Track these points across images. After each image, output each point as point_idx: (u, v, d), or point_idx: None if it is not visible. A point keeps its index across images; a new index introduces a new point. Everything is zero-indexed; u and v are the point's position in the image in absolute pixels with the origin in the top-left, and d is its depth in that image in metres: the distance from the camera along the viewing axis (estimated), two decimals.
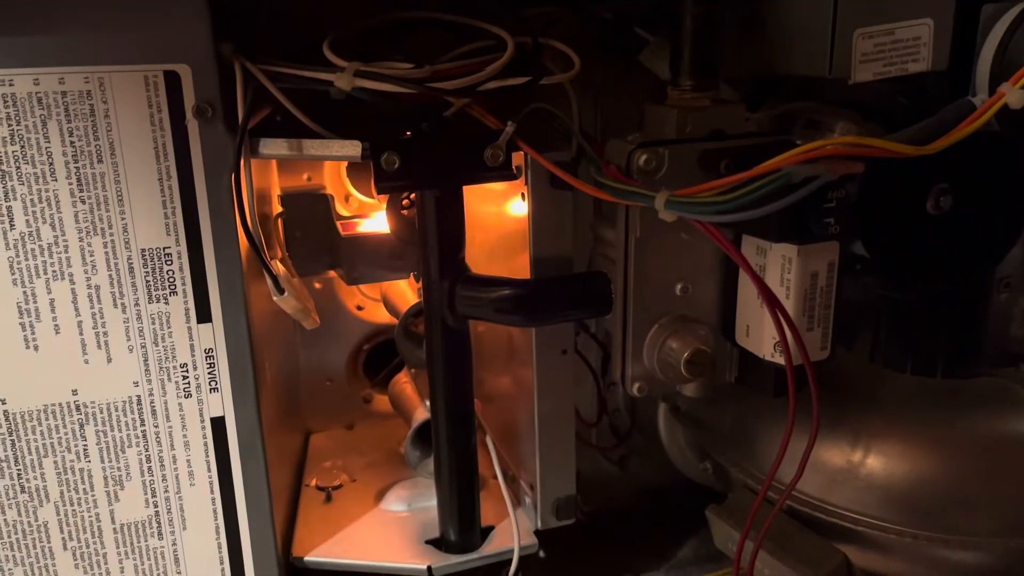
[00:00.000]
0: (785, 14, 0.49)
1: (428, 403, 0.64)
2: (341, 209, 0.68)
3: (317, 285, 0.71)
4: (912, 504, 0.55)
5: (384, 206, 0.63)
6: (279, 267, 0.50)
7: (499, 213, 0.59)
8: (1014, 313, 0.72)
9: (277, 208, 0.63)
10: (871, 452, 0.57)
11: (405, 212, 0.59)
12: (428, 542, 0.59)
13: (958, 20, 0.50)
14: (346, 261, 0.60)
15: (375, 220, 0.68)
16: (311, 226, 0.63)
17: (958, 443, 0.56)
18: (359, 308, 0.73)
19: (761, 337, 0.50)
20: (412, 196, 0.58)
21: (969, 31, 0.51)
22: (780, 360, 0.48)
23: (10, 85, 0.43)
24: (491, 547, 0.59)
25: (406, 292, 0.66)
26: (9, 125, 0.43)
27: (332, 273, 0.67)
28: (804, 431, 0.50)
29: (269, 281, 0.48)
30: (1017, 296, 0.65)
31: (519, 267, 0.56)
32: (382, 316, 0.73)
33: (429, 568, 0.57)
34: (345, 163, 0.68)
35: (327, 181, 0.68)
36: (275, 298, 0.48)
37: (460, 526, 0.58)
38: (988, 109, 0.44)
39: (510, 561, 0.58)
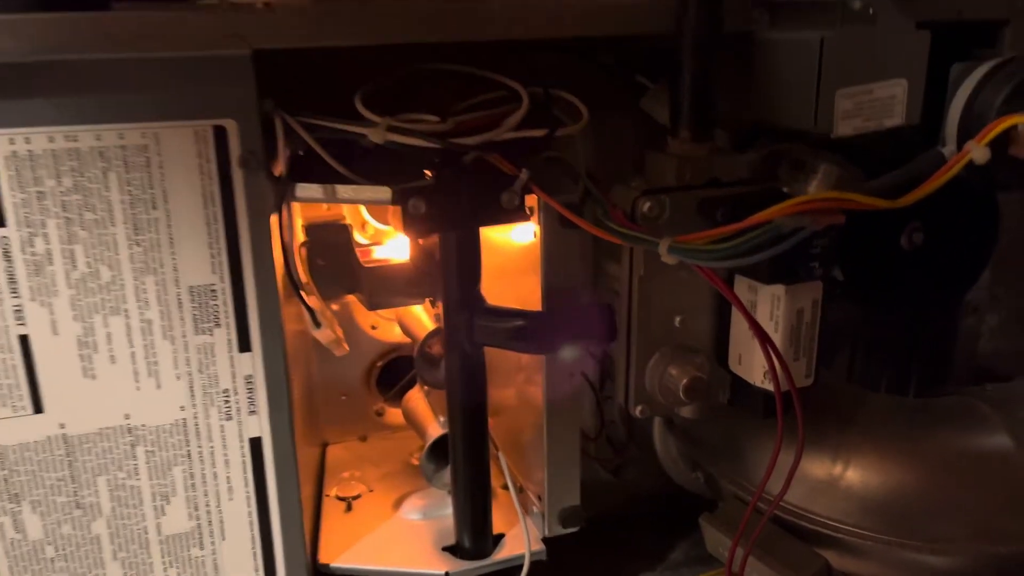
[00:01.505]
0: (775, 73, 0.54)
1: (442, 419, 0.69)
2: (358, 236, 0.72)
3: (335, 307, 0.75)
4: (887, 512, 0.60)
5: (397, 233, 0.67)
6: (315, 302, 0.55)
7: (509, 237, 0.64)
8: (982, 330, 0.78)
9: (300, 237, 0.68)
10: (849, 465, 0.62)
11: (421, 242, 0.64)
12: (444, 549, 0.64)
13: (930, 76, 0.55)
14: (367, 289, 0.65)
15: (389, 247, 0.73)
16: (333, 254, 0.67)
17: (928, 457, 0.62)
18: (373, 328, 0.77)
19: (752, 365, 0.55)
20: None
21: (940, 86, 0.56)
22: (769, 386, 0.54)
23: (75, 141, 0.47)
24: (502, 553, 0.63)
25: (420, 315, 0.71)
26: (73, 176, 0.48)
27: (350, 297, 0.72)
28: (788, 447, 0.55)
29: (307, 316, 0.52)
30: (984, 315, 0.71)
31: (527, 287, 0.61)
32: (394, 335, 0.78)
33: (447, 573, 0.61)
34: None
35: (346, 211, 0.72)
36: (312, 331, 0.53)
37: (474, 534, 0.63)
38: (955, 165, 0.49)
39: (520, 567, 0.63)
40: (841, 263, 0.60)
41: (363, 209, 0.73)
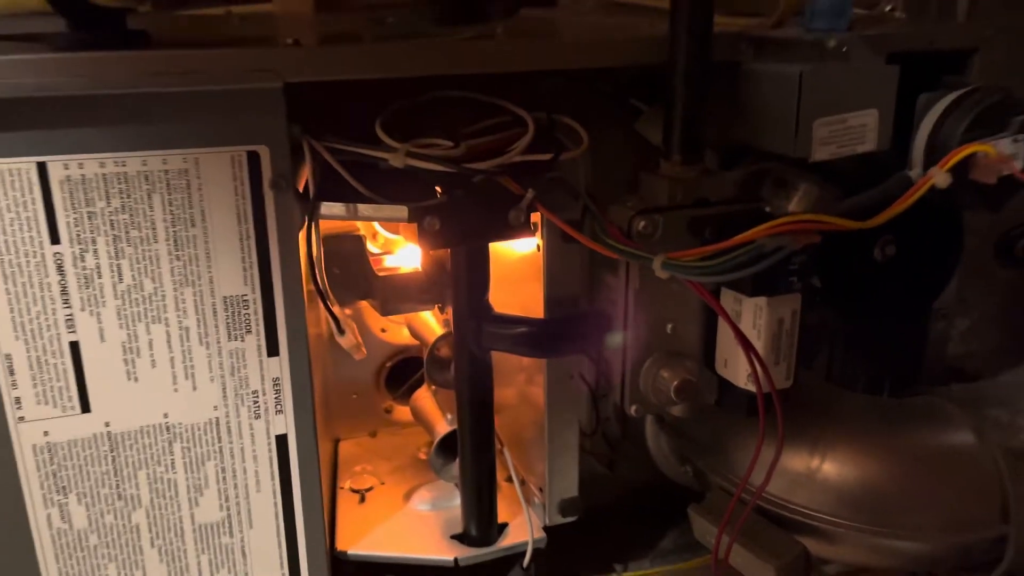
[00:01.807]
0: (758, 101, 0.59)
1: (449, 416, 0.74)
2: (370, 245, 0.77)
3: (347, 311, 0.80)
4: (861, 503, 0.64)
5: (404, 242, 0.72)
6: (338, 311, 0.60)
7: (514, 249, 0.68)
8: (952, 334, 0.83)
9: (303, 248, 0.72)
10: (826, 459, 0.67)
11: (432, 253, 0.69)
12: (452, 537, 0.69)
13: (901, 102, 0.60)
14: (381, 296, 0.69)
15: (399, 256, 0.78)
16: (347, 263, 0.72)
17: (900, 452, 0.67)
18: (383, 331, 0.82)
19: (737, 369, 0.60)
20: None
21: (908, 113, 0.62)
22: (752, 388, 0.59)
23: (123, 166, 0.52)
24: (507, 541, 0.68)
25: (428, 320, 0.76)
26: (121, 198, 0.52)
27: (362, 303, 0.77)
28: (770, 443, 0.60)
29: (332, 324, 0.57)
30: (953, 319, 0.77)
31: (530, 295, 0.66)
32: (402, 338, 0.82)
33: (456, 560, 0.67)
34: None
35: (359, 222, 0.77)
36: (337, 338, 0.58)
37: (480, 523, 0.68)
38: (920, 188, 0.54)
39: (522, 553, 0.68)
40: (820, 273, 0.65)
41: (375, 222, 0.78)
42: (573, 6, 0.98)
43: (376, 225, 0.78)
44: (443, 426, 0.73)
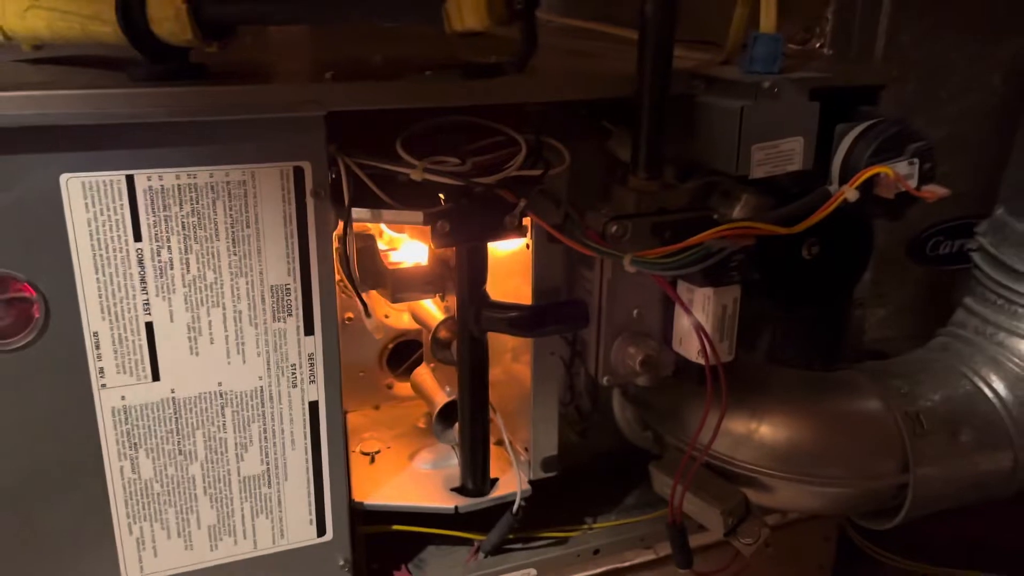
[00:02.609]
0: (707, 128, 0.71)
1: (447, 388, 0.86)
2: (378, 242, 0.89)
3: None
4: (790, 457, 0.76)
5: (405, 240, 0.84)
6: (366, 297, 0.72)
7: (507, 248, 0.81)
8: (872, 322, 0.98)
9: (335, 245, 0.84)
10: (763, 422, 0.77)
11: (437, 250, 0.81)
12: (452, 489, 0.81)
13: (821, 128, 0.73)
14: (391, 286, 0.81)
15: (402, 251, 0.90)
16: (361, 257, 0.83)
17: (821, 416, 0.79)
18: (386, 316, 0.94)
19: (690, 345, 0.74)
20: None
21: (828, 136, 0.75)
22: (702, 361, 0.72)
23: (194, 178, 0.63)
24: (498, 492, 0.81)
25: (430, 308, 0.88)
26: (192, 204, 0.64)
27: (372, 292, 0.89)
28: (716, 408, 0.73)
29: (361, 308, 0.69)
30: (869, 310, 0.91)
31: (514, 283, 0.78)
32: (403, 323, 0.95)
33: (456, 507, 0.79)
34: None
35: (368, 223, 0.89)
36: (366, 320, 0.70)
37: (476, 477, 0.80)
38: (835, 202, 0.68)
39: (511, 502, 0.81)
40: (759, 269, 0.79)
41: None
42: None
43: (382, 225, 0.90)
44: (442, 397, 0.85)
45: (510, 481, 0.82)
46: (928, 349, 0.86)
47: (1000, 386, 0.79)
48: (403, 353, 0.97)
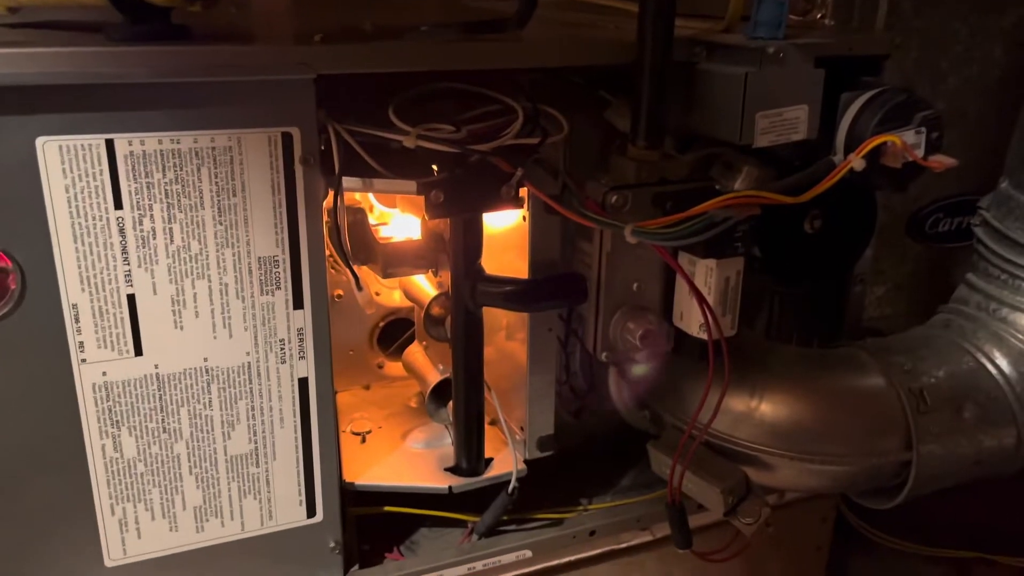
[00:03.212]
0: (710, 97, 0.69)
1: (440, 367, 0.84)
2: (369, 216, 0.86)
3: (345, 278, 0.89)
4: (790, 435, 0.75)
5: (396, 215, 0.82)
6: (357, 270, 0.69)
7: (496, 215, 0.78)
8: (871, 300, 0.97)
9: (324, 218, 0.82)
10: (763, 400, 0.76)
11: (430, 224, 0.79)
12: (446, 469, 0.79)
13: (825, 100, 0.72)
14: (382, 261, 0.79)
15: (392, 226, 0.88)
16: (352, 232, 0.81)
17: (823, 393, 0.78)
18: (377, 294, 0.91)
19: (691, 319, 0.72)
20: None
21: (832, 107, 0.73)
22: (704, 336, 0.70)
23: (178, 143, 0.60)
24: (492, 472, 0.79)
25: (422, 284, 0.86)
26: (175, 170, 0.61)
27: (363, 267, 0.86)
28: (717, 387, 0.71)
29: (352, 281, 0.67)
30: (868, 287, 0.90)
31: (509, 258, 0.75)
32: (394, 301, 0.92)
33: (450, 487, 0.77)
34: None
35: (359, 196, 0.86)
36: (356, 293, 0.68)
37: (470, 456, 0.78)
38: (841, 171, 0.66)
39: (507, 483, 0.79)
40: (760, 244, 0.77)
41: (371, 195, 0.87)
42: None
43: (372, 199, 0.87)
44: (435, 375, 0.83)
45: (505, 461, 0.80)
46: (930, 326, 0.85)
47: (1003, 362, 0.78)
48: (394, 333, 0.94)
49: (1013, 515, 1.03)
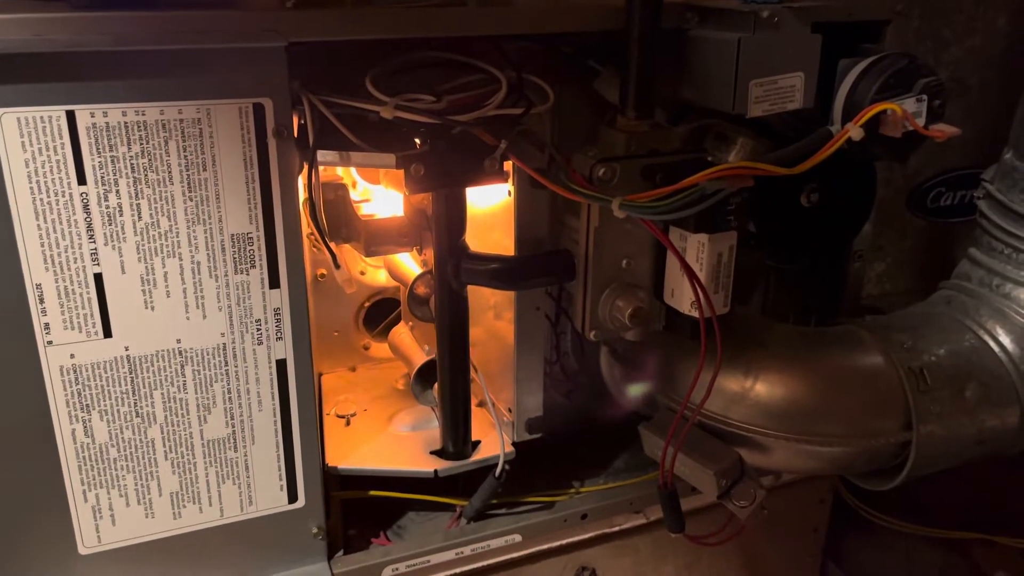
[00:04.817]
0: (702, 64, 0.67)
1: (426, 347, 0.82)
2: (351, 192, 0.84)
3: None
4: (786, 416, 0.72)
5: (379, 191, 0.79)
6: (335, 247, 0.67)
7: (481, 193, 0.76)
8: (868, 275, 0.94)
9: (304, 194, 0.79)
10: (758, 380, 0.73)
11: (413, 200, 0.76)
12: (432, 452, 0.77)
13: (822, 68, 0.69)
14: (364, 239, 0.76)
15: (376, 203, 0.85)
16: (333, 209, 0.78)
17: (819, 372, 0.75)
18: (362, 273, 0.89)
19: (682, 297, 0.69)
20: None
21: (829, 76, 0.70)
22: (695, 314, 0.68)
23: (143, 115, 0.58)
24: (479, 455, 0.77)
25: (406, 263, 0.83)
26: (141, 144, 0.58)
27: (344, 245, 0.84)
28: (710, 366, 0.69)
29: (331, 258, 0.64)
30: (867, 264, 0.87)
31: (495, 236, 0.73)
32: (379, 280, 0.90)
33: (436, 471, 0.75)
34: None
35: (340, 172, 0.84)
36: (335, 271, 0.65)
37: (457, 439, 0.76)
38: (838, 141, 0.63)
39: (494, 466, 0.77)
40: (754, 218, 0.74)
41: (354, 171, 0.85)
42: None
43: (355, 175, 0.84)
44: (420, 356, 0.81)
45: (493, 443, 0.78)
46: (931, 303, 0.82)
47: (1006, 340, 0.76)
48: (380, 313, 0.92)
49: (1012, 495, 1.01)
